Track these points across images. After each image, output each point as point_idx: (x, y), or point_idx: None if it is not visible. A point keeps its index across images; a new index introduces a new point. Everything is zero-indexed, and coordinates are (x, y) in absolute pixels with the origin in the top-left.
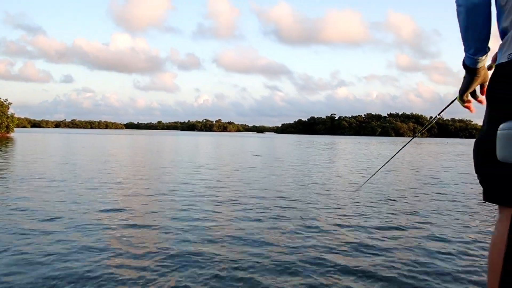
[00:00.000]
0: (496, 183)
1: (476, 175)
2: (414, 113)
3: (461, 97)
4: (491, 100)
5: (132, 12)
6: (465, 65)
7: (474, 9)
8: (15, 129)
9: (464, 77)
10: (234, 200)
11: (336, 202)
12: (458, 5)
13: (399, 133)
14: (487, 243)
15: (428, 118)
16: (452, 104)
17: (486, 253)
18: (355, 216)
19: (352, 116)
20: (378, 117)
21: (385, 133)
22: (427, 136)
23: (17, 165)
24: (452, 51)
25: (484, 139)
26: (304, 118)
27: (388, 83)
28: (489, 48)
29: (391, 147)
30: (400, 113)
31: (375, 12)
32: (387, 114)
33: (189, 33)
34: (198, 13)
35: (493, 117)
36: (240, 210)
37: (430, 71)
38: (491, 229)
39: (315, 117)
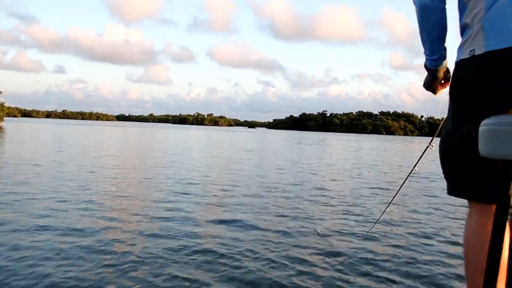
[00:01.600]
0: (465, 178)
1: (442, 170)
2: (405, 112)
3: (434, 92)
4: (453, 98)
5: (128, 3)
6: (425, 66)
7: (427, 9)
8: (5, 118)
9: (426, 77)
10: (226, 195)
11: (330, 196)
12: (415, 6)
13: (389, 131)
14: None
15: (419, 117)
16: (445, 104)
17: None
18: (351, 211)
19: (343, 113)
20: (369, 115)
21: (376, 131)
22: (417, 135)
23: (5, 154)
24: (450, 50)
25: (450, 136)
26: (296, 114)
27: (381, 82)
28: (445, 49)
29: (385, 145)
30: (391, 112)
31: (370, 10)
32: (379, 112)
33: (184, 26)
34: (194, 5)
35: (457, 114)
36: (233, 208)
37: (423, 71)
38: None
39: (307, 113)
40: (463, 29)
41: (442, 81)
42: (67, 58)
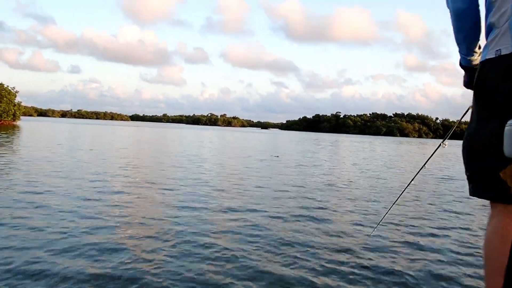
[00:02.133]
0: (489, 179)
1: (465, 171)
2: (419, 114)
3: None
4: (479, 97)
5: (142, 4)
6: (461, 65)
7: (462, 14)
8: (21, 117)
9: (464, 76)
10: (236, 196)
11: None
12: (448, 9)
13: (404, 133)
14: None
15: (434, 119)
16: (459, 106)
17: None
18: (363, 212)
19: (357, 114)
20: (383, 116)
21: (390, 133)
22: (432, 138)
23: (21, 152)
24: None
25: (474, 136)
26: (309, 115)
27: (395, 83)
28: (480, 47)
29: (400, 148)
30: (405, 113)
31: (384, 11)
32: (393, 114)
33: (198, 27)
34: (207, 7)
35: (482, 114)
36: (247, 210)
37: (438, 72)
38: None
39: (320, 114)
40: (490, 29)
41: None
42: (82, 58)
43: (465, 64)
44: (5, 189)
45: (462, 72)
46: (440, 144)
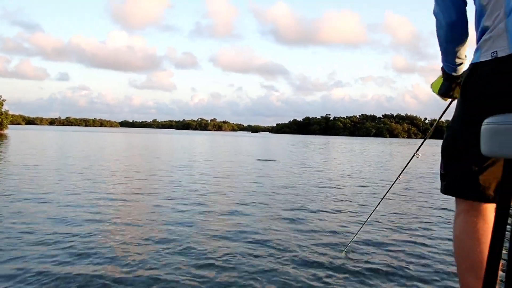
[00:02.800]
0: (465, 178)
1: (440, 169)
2: (408, 114)
3: (444, 97)
4: (467, 99)
5: (130, 10)
6: (444, 72)
7: (453, 25)
8: (9, 126)
9: (442, 83)
10: (232, 202)
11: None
12: (438, 20)
13: (393, 134)
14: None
15: (423, 119)
16: (451, 107)
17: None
18: (354, 214)
19: (347, 116)
20: (372, 118)
21: (379, 134)
22: (421, 138)
23: (9, 161)
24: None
25: (456, 136)
26: (299, 118)
27: (384, 84)
28: (466, 56)
29: (389, 148)
30: (394, 114)
31: (373, 14)
32: (382, 115)
33: (187, 32)
34: (196, 11)
35: (468, 115)
36: (241, 213)
37: (427, 73)
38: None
39: (310, 117)
40: (483, 32)
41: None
42: (71, 66)
43: (449, 71)
44: None
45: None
46: (413, 155)
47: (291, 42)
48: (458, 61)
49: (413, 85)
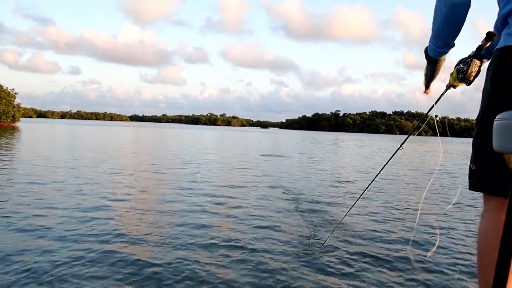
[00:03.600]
0: (493, 172)
1: (470, 164)
2: (419, 111)
3: (427, 86)
4: (499, 86)
5: (142, 4)
6: (427, 56)
7: (457, 9)
8: (21, 119)
9: (426, 67)
10: (240, 200)
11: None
12: (440, 1)
13: (403, 131)
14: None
15: (434, 116)
16: (459, 104)
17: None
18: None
19: (356, 113)
20: (382, 114)
21: (389, 130)
22: (431, 135)
23: (21, 154)
24: (461, 50)
25: (485, 128)
26: (309, 114)
27: (395, 81)
28: (454, 44)
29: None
30: (405, 111)
31: (384, 9)
32: (392, 112)
33: (198, 27)
34: (207, 6)
35: (501, 105)
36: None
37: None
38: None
39: (320, 113)
40: (507, 16)
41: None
42: (82, 59)
43: (433, 55)
44: (3, 190)
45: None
46: (398, 148)
47: (301, 37)
48: (445, 46)
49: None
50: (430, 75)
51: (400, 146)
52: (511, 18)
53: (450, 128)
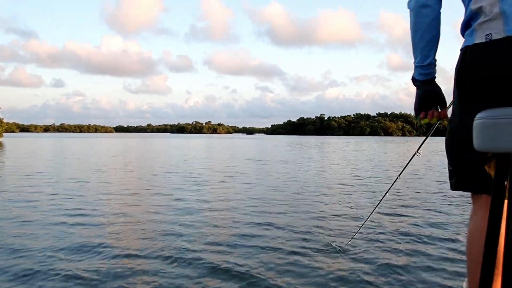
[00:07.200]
0: (473, 171)
1: (448, 165)
2: (402, 113)
3: (417, 117)
4: (462, 85)
5: (125, 14)
6: (414, 80)
7: (423, 9)
8: (3, 134)
9: (421, 96)
10: (231, 204)
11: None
12: (409, 10)
13: (388, 133)
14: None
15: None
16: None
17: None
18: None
19: (341, 116)
20: (367, 116)
21: (374, 132)
22: (415, 136)
23: (7, 169)
24: (445, 49)
25: (458, 130)
26: (294, 119)
27: (379, 83)
28: (435, 60)
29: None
30: (388, 113)
31: (367, 12)
32: (376, 113)
33: (182, 35)
34: (191, 14)
35: (465, 102)
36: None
37: None
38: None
39: (305, 117)
40: (473, 15)
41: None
42: (66, 72)
43: (418, 76)
44: None
45: (447, 69)
46: (414, 154)
47: (286, 42)
48: (424, 58)
49: (407, 82)
50: (418, 104)
51: (417, 151)
52: (474, 20)
53: (434, 128)
